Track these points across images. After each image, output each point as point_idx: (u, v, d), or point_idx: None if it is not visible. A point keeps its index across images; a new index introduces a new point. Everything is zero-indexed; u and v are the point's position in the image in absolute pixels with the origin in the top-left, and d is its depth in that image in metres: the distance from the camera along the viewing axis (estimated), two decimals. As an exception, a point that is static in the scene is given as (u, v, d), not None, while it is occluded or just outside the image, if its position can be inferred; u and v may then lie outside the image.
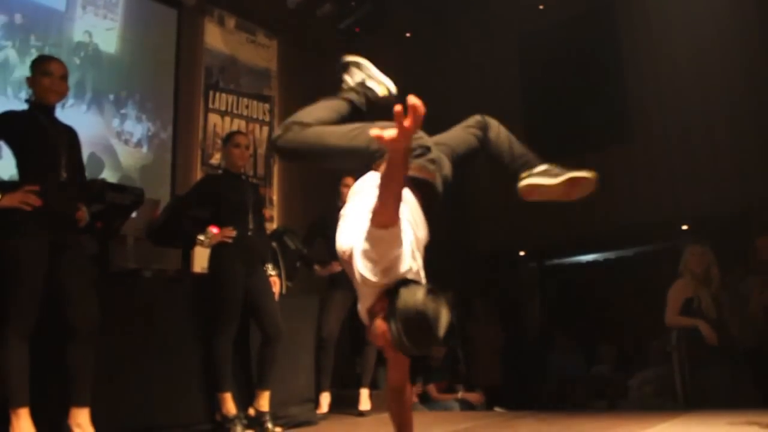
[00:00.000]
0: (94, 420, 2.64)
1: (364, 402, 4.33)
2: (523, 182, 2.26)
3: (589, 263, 7.75)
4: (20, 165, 2.72)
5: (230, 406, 3.31)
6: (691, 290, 4.25)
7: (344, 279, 2.44)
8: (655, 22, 6.60)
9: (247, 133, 5.48)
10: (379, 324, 1.82)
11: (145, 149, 5.27)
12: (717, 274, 4.26)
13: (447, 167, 2.25)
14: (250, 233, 3.51)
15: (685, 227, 6.32)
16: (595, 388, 6.36)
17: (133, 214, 3.53)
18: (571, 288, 7.64)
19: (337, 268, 4.10)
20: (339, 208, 2.19)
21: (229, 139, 3.71)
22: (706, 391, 4.11)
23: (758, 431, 2.77)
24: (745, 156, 5.96)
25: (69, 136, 2.86)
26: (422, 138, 2.21)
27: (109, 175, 4.82)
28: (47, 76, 2.76)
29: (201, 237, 3.43)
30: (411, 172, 2.03)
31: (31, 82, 2.79)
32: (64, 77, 2.82)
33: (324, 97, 2.40)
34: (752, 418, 3.05)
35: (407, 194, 2.00)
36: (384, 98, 2.41)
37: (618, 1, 6.92)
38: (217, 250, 3.45)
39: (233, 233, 3.44)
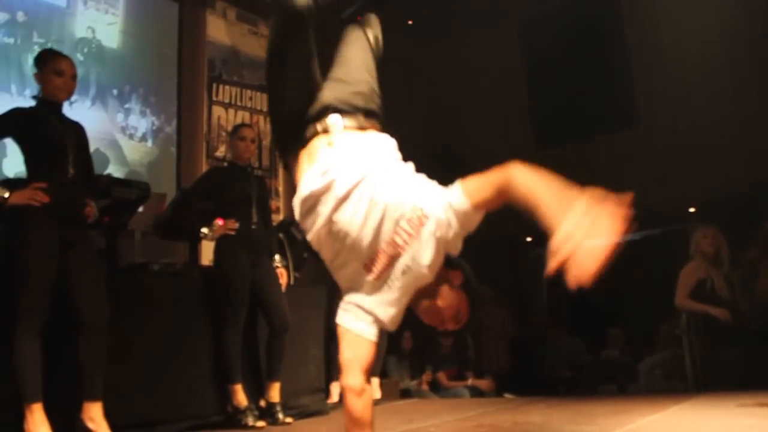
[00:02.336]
0: (107, 413, 2.66)
1: (375, 391, 4.34)
2: None
3: (596, 248, 7.70)
4: (28, 162, 2.73)
5: (241, 397, 3.33)
6: (703, 272, 4.23)
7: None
8: (660, 4, 6.54)
9: (252, 125, 5.47)
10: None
11: (149, 143, 5.28)
12: (728, 255, 4.24)
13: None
14: (253, 226, 3.51)
15: (692, 210, 6.29)
16: (604, 373, 6.36)
17: (140, 209, 3.54)
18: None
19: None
20: None
21: (235, 132, 3.73)
22: (717, 374, 4.10)
23: (769, 412, 2.76)
24: (752, 138, 5.92)
25: (76, 132, 2.85)
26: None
27: (114, 170, 4.82)
28: (59, 76, 2.74)
29: (204, 230, 3.44)
30: None
31: (40, 78, 2.76)
32: (75, 76, 2.81)
33: None
34: (762, 399, 3.05)
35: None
36: None
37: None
38: (221, 243, 3.46)
39: (236, 225, 3.44)
